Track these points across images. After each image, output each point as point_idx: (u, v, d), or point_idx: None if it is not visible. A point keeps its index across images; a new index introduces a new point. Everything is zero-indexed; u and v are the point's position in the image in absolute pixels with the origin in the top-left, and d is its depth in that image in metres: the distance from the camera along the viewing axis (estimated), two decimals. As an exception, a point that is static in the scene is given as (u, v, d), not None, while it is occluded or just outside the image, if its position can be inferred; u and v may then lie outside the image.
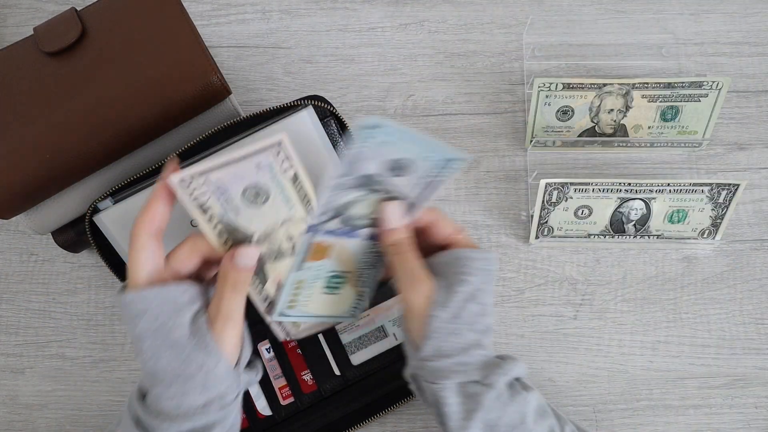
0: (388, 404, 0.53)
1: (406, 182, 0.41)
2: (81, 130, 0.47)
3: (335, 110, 0.50)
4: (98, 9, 0.51)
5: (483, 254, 0.43)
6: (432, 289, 0.42)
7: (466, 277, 0.41)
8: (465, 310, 0.41)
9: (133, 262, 0.40)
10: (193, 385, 0.39)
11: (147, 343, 0.39)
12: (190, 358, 0.39)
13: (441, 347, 0.41)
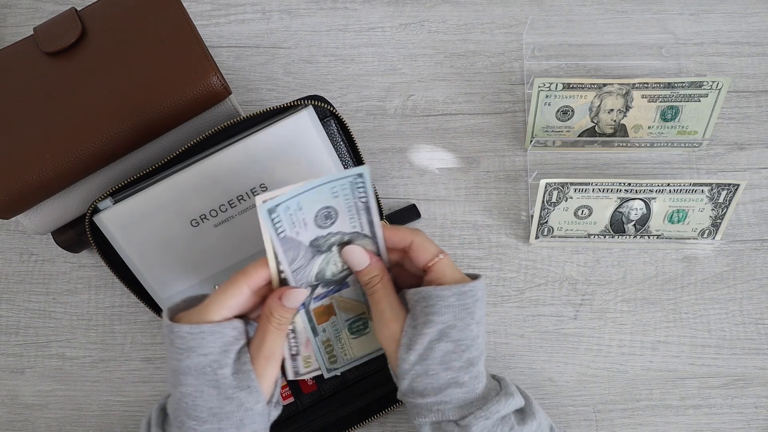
0: (388, 404, 0.53)
1: (344, 223, 0.41)
2: (81, 130, 0.47)
3: (335, 110, 0.50)
4: (98, 9, 0.51)
5: (453, 290, 0.40)
6: (398, 331, 0.41)
7: (432, 318, 0.40)
8: (434, 350, 0.40)
9: (219, 300, 0.40)
10: (230, 423, 0.39)
11: (190, 379, 0.39)
12: (232, 398, 0.39)
13: (414, 387, 0.41)
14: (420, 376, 0.41)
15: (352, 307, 0.46)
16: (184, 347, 0.39)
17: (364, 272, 0.42)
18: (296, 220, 0.38)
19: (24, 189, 0.47)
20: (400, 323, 0.41)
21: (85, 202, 0.52)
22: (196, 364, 0.39)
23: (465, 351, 0.41)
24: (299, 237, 0.39)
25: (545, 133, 0.59)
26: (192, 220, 0.50)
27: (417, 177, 0.60)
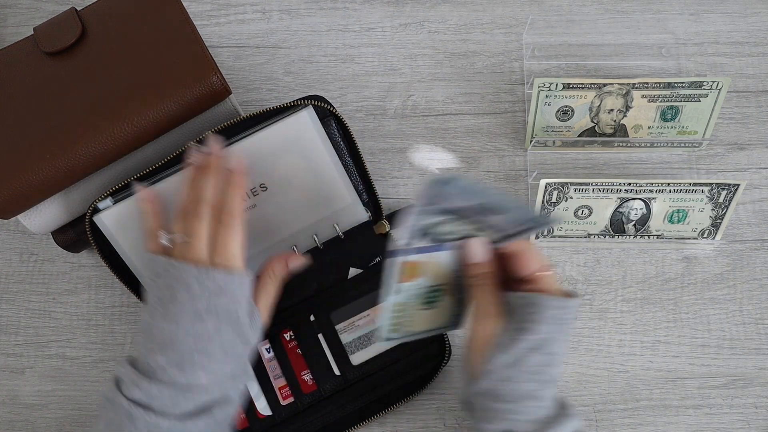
0: (388, 404, 0.53)
1: (494, 221, 0.41)
2: (81, 130, 0.47)
3: (335, 110, 0.50)
4: (98, 9, 0.51)
5: (559, 302, 0.41)
6: (498, 329, 0.41)
7: (534, 326, 0.40)
8: (528, 359, 0.40)
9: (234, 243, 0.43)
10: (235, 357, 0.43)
11: (212, 318, 0.41)
12: (244, 336, 0.43)
13: (495, 390, 0.41)
14: (505, 381, 0.40)
15: (439, 274, 0.45)
16: (216, 289, 0.41)
17: (479, 266, 0.44)
18: (468, 192, 0.39)
19: (24, 189, 0.47)
20: (502, 322, 0.42)
21: (85, 202, 0.52)
22: (225, 306, 0.41)
23: (552, 366, 0.41)
24: (451, 200, 0.39)
25: (545, 133, 0.59)
26: None
27: (417, 177, 0.60)
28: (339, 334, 0.54)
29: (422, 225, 0.41)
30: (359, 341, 0.54)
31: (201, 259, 0.42)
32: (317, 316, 0.55)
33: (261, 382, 0.54)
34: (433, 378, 0.53)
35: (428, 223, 0.41)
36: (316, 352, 0.54)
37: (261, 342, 0.48)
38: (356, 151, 0.53)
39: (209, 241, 0.43)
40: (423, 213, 0.40)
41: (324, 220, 0.53)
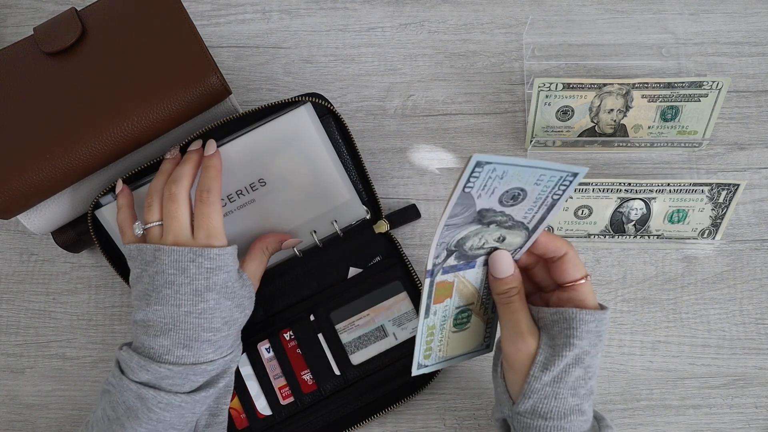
0: (388, 404, 0.53)
1: (521, 210, 0.40)
2: (81, 130, 0.47)
3: (333, 107, 0.51)
4: (98, 9, 0.51)
5: (595, 315, 0.40)
6: (535, 348, 0.41)
7: (574, 341, 0.40)
8: (568, 374, 0.40)
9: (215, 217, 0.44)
10: (236, 327, 0.46)
11: (212, 294, 0.43)
12: (241, 305, 0.46)
13: (538, 408, 0.40)
14: (548, 398, 0.40)
15: (467, 294, 0.44)
16: (213, 266, 0.43)
17: (505, 281, 0.42)
18: (488, 186, 0.37)
19: (24, 189, 0.47)
20: (536, 339, 0.41)
21: (85, 202, 0.52)
22: (223, 280, 0.43)
23: (590, 379, 0.41)
24: (478, 200, 0.38)
25: (545, 133, 0.59)
26: None
27: (417, 177, 0.60)
28: (339, 334, 0.54)
29: (450, 242, 0.40)
30: (359, 341, 0.54)
31: (186, 240, 0.43)
32: (317, 316, 0.55)
33: (261, 382, 0.54)
34: (433, 378, 0.53)
35: (456, 240, 0.40)
36: (316, 352, 0.54)
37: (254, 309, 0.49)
38: (354, 149, 0.53)
39: (189, 220, 0.44)
40: (451, 227, 0.39)
41: (322, 216, 0.53)
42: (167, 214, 0.44)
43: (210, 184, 0.45)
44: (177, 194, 0.44)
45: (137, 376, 0.42)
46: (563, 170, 0.38)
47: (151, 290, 0.42)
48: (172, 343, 0.42)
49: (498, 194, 0.38)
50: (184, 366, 0.42)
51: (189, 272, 0.42)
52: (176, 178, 0.45)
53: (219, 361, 0.44)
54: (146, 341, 0.42)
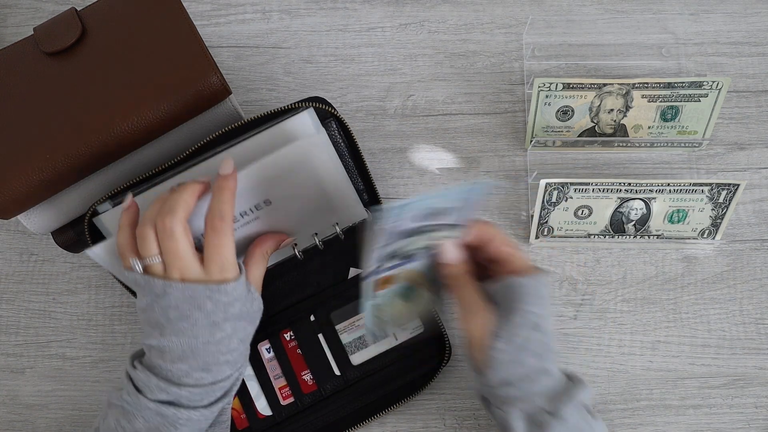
0: (388, 404, 0.53)
1: (448, 218, 0.42)
2: (81, 130, 0.47)
3: (336, 112, 0.50)
4: (98, 9, 0.51)
5: (535, 279, 0.43)
6: (490, 320, 0.42)
7: (523, 306, 0.42)
8: (528, 340, 0.41)
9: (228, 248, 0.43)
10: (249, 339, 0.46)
11: (229, 324, 0.42)
12: (254, 320, 0.46)
13: (505, 376, 0.42)
14: (511, 365, 0.42)
15: (413, 276, 0.46)
16: (229, 300, 0.42)
17: (452, 266, 0.44)
18: (403, 218, 0.39)
19: (24, 189, 0.47)
20: (490, 313, 0.43)
21: (85, 202, 0.52)
22: (239, 309, 0.43)
23: (549, 340, 0.43)
24: (399, 229, 0.40)
25: (545, 133, 0.59)
26: None
27: (417, 177, 0.60)
28: (339, 334, 0.54)
29: (387, 252, 0.42)
30: (359, 341, 0.54)
31: (197, 276, 0.41)
32: (317, 316, 0.55)
33: (261, 382, 0.54)
34: (433, 378, 0.53)
35: (392, 250, 0.42)
36: (316, 352, 0.54)
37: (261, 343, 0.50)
38: (357, 151, 0.53)
39: (193, 254, 0.41)
40: (383, 249, 0.41)
41: (325, 219, 0.53)
42: (167, 251, 0.41)
43: (224, 210, 0.41)
44: (173, 229, 0.40)
45: (156, 396, 0.42)
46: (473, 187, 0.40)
47: (164, 322, 0.41)
48: (191, 368, 0.42)
49: (418, 220, 0.40)
50: (204, 386, 0.42)
51: (206, 309, 0.41)
52: (171, 208, 0.41)
53: (235, 374, 0.45)
54: (163, 365, 0.42)
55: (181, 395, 0.42)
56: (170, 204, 0.41)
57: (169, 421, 0.42)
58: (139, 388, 0.42)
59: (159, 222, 0.41)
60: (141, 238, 0.42)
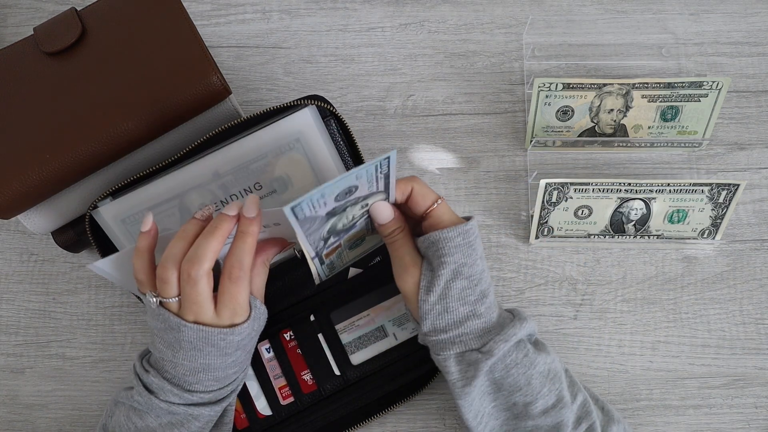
0: (388, 404, 0.53)
1: (362, 191, 0.43)
2: (81, 130, 0.47)
3: (335, 110, 0.50)
4: (98, 9, 0.51)
5: (457, 230, 0.44)
6: (418, 276, 0.45)
7: (445, 259, 0.44)
8: (451, 288, 0.44)
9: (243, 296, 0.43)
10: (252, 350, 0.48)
11: (240, 352, 0.45)
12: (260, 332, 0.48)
13: (436, 325, 0.45)
14: (441, 314, 0.44)
15: (355, 235, 0.48)
16: (241, 338, 0.44)
17: (387, 226, 0.46)
18: (318, 204, 0.40)
19: (24, 189, 0.47)
20: (419, 268, 0.45)
21: (85, 202, 0.52)
22: (248, 338, 0.45)
23: (477, 285, 0.45)
24: (317, 213, 0.41)
25: (545, 133, 0.59)
26: None
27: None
28: (339, 334, 0.54)
29: (322, 235, 0.43)
30: (359, 341, 0.54)
31: (210, 320, 0.42)
32: (317, 316, 0.55)
33: (261, 382, 0.54)
34: (433, 378, 0.53)
35: (326, 231, 0.44)
36: (316, 352, 0.54)
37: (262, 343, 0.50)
38: (356, 150, 0.53)
39: (211, 299, 0.42)
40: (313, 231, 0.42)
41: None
42: (186, 297, 0.41)
43: (243, 258, 0.42)
44: (198, 279, 0.40)
45: (167, 398, 0.43)
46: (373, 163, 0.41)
47: (177, 347, 0.42)
48: (203, 379, 0.44)
49: (332, 201, 0.41)
50: (214, 392, 0.45)
51: (218, 345, 0.43)
52: (199, 257, 0.40)
53: (240, 375, 0.48)
54: (175, 374, 0.43)
55: (192, 399, 0.44)
56: (199, 253, 0.41)
57: (180, 418, 0.44)
58: (152, 390, 0.44)
59: (185, 269, 0.41)
60: (162, 281, 0.41)
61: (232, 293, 0.42)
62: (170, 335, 0.42)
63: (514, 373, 0.44)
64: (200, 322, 0.42)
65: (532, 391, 0.44)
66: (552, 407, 0.44)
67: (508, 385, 0.44)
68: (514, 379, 0.44)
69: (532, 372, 0.44)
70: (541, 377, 0.44)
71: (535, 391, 0.44)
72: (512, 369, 0.44)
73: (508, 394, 0.44)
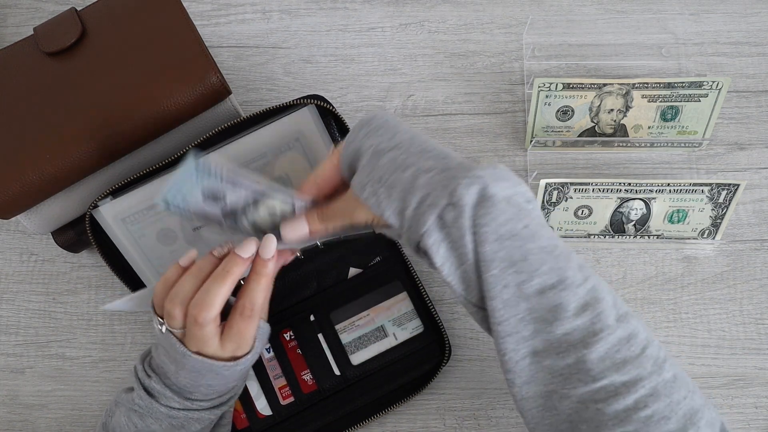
0: (388, 404, 0.53)
1: (236, 197, 0.42)
2: (81, 130, 0.47)
3: (335, 110, 0.50)
4: (98, 9, 0.51)
5: (357, 125, 0.40)
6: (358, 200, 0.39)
7: (359, 152, 0.39)
8: (378, 167, 0.38)
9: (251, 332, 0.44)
10: None
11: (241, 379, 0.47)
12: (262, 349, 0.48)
13: (395, 207, 0.37)
14: (389, 194, 0.37)
15: None
16: (243, 368, 0.45)
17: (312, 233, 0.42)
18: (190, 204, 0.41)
19: (24, 189, 0.47)
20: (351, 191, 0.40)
21: (85, 202, 0.52)
22: (249, 367, 0.46)
23: (410, 147, 0.38)
24: (190, 208, 0.41)
25: (545, 133, 0.59)
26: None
27: (417, 177, 0.60)
28: (339, 334, 0.54)
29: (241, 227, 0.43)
30: (359, 341, 0.54)
31: (214, 351, 0.42)
32: (317, 316, 0.55)
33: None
34: (433, 378, 0.53)
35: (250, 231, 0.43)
36: (316, 352, 0.54)
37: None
38: (356, 151, 0.53)
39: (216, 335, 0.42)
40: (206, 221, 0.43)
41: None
42: (191, 335, 0.41)
43: (255, 298, 0.42)
44: (205, 324, 0.41)
45: (168, 403, 0.44)
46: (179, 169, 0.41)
47: (180, 366, 0.43)
48: (202, 390, 0.45)
49: (200, 205, 0.41)
50: (213, 399, 0.46)
51: (221, 374, 0.44)
52: (207, 303, 0.40)
53: (240, 383, 0.48)
54: (176, 382, 0.44)
55: (192, 406, 0.45)
56: (208, 299, 0.40)
57: (180, 422, 0.45)
58: (153, 394, 0.44)
59: (193, 313, 0.41)
60: (169, 315, 0.42)
61: (240, 330, 0.43)
62: (174, 353, 0.43)
63: (504, 220, 0.35)
64: (203, 354, 0.42)
65: (529, 267, 0.35)
66: (551, 287, 0.36)
67: (507, 232, 0.35)
68: (512, 226, 0.35)
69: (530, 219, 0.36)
70: (538, 225, 0.36)
71: (532, 267, 0.35)
72: (500, 217, 0.35)
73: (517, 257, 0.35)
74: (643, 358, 0.35)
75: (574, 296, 0.35)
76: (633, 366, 0.35)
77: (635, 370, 0.35)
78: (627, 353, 0.35)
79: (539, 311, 0.35)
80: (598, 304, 0.35)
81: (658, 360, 0.35)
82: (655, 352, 0.36)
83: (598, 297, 0.36)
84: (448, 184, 0.36)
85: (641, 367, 0.35)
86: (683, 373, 0.37)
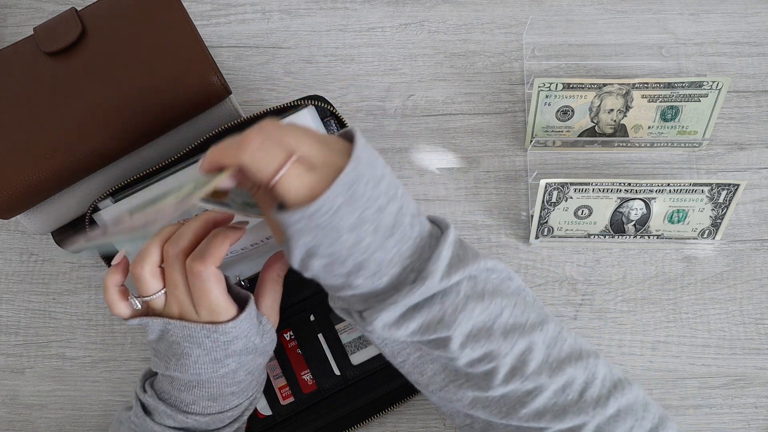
0: (388, 404, 0.53)
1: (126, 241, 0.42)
2: (81, 130, 0.47)
3: (335, 110, 0.50)
4: (98, 9, 0.51)
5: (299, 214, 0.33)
6: None
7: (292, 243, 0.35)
8: (311, 267, 0.37)
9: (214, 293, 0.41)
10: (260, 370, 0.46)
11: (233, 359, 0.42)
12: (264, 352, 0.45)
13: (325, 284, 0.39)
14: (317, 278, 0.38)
15: None
16: (229, 339, 0.41)
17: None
18: None
19: (24, 189, 0.47)
20: None
21: (85, 202, 0.52)
22: (242, 345, 0.42)
23: (347, 260, 0.35)
24: None
25: (545, 133, 0.59)
26: None
27: (417, 177, 0.60)
28: (339, 334, 0.54)
29: None
30: (359, 341, 0.54)
31: (192, 315, 0.41)
32: (317, 316, 0.55)
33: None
34: (433, 378, 0.53)
35: None
36: (316, 352, 0.54)
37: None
38: (356, 151, 0.53)
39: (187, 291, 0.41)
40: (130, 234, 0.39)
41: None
42: (170, 281, 0.40)
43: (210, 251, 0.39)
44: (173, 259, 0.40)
45: (163, 421, 0.43)
46: None
47: (170, 355, 0.42)
48: (198, 397, 0.42)
49: None
50: (211, 415, 0.43)
51: (205, 346, 0.41)
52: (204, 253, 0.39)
53: (245, 403, 0.45)
54: (171, 392, 0.43)
55: (188, 422, 0.42)
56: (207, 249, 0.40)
57: None
58: (149, 410, 0.43)
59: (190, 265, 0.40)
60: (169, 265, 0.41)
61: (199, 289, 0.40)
62: (163, 342, 0.42)
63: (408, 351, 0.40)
64: (185, 317, 0.41)
65: None
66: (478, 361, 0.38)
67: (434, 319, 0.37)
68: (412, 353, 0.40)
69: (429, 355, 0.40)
70: None
71: None
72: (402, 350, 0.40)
73: None
74: (582, 402, 0.38)
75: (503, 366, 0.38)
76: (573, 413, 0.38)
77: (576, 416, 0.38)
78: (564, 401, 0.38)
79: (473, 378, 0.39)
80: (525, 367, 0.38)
81: (600, 398, 0.38)
82: (596, 391, 0.39)
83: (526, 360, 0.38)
84: (367, 301, 0.38)
85: (583, 412, 0.38)
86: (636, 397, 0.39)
